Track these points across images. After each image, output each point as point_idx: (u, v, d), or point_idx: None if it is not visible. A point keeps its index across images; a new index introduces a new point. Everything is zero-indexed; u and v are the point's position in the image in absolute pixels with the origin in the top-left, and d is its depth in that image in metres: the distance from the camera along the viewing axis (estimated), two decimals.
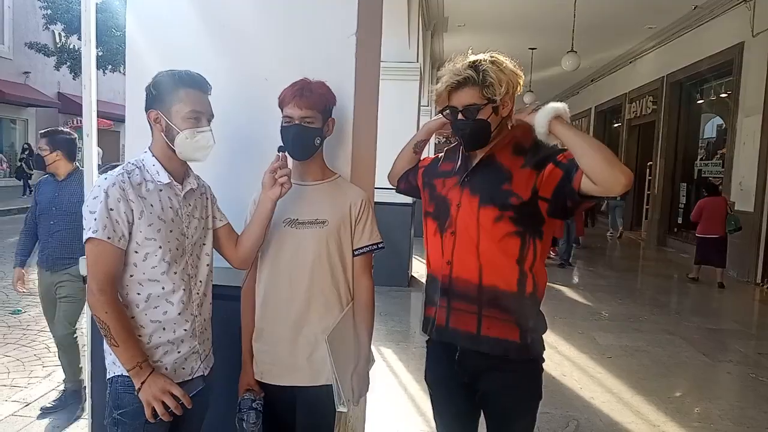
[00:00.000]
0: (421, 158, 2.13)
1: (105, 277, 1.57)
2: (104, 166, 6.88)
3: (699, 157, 11.08)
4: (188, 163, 1.77)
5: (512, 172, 1.74)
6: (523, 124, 1.75)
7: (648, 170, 12.64)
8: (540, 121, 1.64)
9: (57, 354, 3.62)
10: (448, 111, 1.77)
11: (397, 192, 2.18)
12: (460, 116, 1.74)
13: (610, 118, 16.20)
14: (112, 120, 18.32)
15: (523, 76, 1.79)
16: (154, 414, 1.58)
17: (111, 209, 1.58)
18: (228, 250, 1.86)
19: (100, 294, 1.56)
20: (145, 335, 1.66)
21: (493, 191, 1.74)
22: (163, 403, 1.58)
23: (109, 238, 1.57)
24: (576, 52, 10.20)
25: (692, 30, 10.22)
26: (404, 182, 2.13)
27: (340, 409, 1.85)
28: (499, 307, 1.75)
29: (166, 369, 1.68)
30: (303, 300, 1.85)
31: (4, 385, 3.87)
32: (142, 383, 1.58)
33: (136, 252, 1.63)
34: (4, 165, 18.92)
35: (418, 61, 7.48)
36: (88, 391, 2.25)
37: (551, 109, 1.63)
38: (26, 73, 19.13)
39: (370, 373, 2.01)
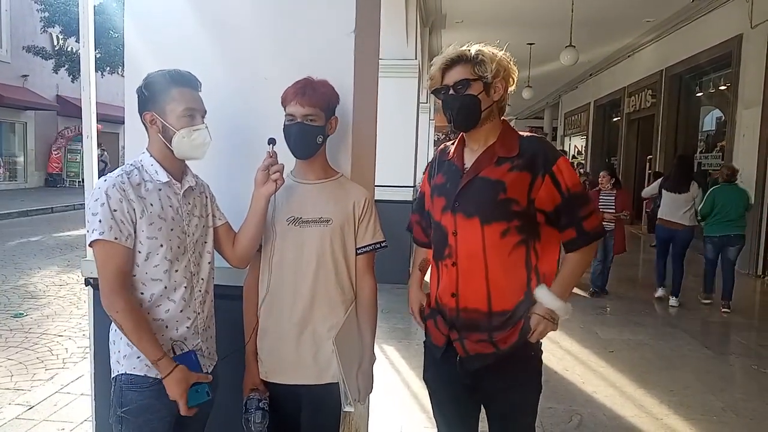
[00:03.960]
0: (423, 174, 2.05)
1: (115, 278, 1.58)
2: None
3: (698, 150, 11.04)
4: (186, 161, 1.77)
5: (504, 180, 1.71)
6: (505, 137, 1.78)
7: (648, 164, 12.62)
8: (564, 312, 1.76)
9: None
10: (441, 91, 1.76)
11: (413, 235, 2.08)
12: (450, 92, 1.73)
13: (609, 112, 16.17)
14: (110, 122, 18.31)
15: (517, 71, 1.79)
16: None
17: (114, 210, 1.58)
18: (226, 249, 1.86)
19: (111, 294, 1.57)
20: None
21: (492, 205, 1.71)
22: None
23: (116, 238, 1.58)
24: (574, 46, 10.18)
25: (691, 22, 10.19)
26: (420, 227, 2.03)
27: (347, 409, 1.85)
28: (510, 324, 1.76)
29: None
30: (307, 298, 1.85)
31: (7, 389, 3.87)
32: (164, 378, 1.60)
33: (139, 252, 1.64)
34: (1, 169, 18.92)
35: (416, 59, 7.45)
36: (91, 392, 2.25)
37: (559, 308, 1.75)
38: (24, 76, 19.10)
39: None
